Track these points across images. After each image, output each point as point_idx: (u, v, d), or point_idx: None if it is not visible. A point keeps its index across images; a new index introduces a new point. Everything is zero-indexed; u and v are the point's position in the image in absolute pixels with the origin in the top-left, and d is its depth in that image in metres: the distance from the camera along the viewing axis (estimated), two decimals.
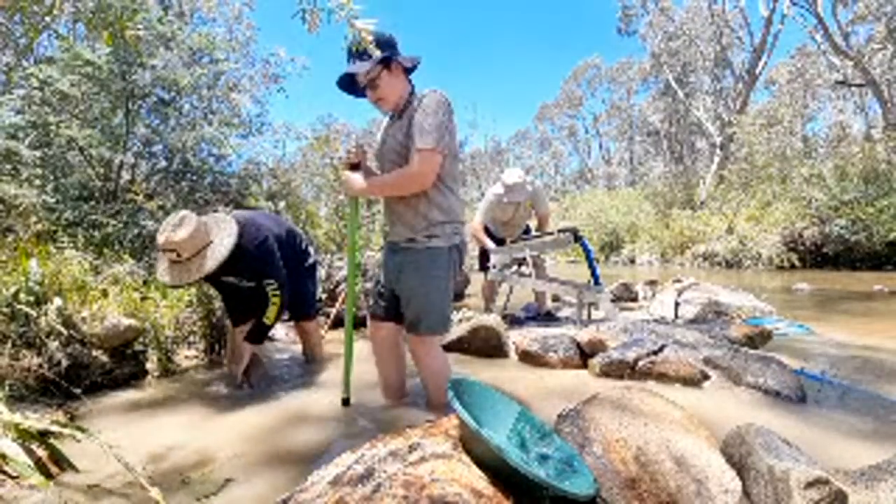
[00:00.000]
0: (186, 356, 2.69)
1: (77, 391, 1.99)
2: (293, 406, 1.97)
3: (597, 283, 3.38)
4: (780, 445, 1.14)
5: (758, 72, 19.36)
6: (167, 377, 2.42)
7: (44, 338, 2.04)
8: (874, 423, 1.69)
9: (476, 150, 44.54)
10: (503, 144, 46.49)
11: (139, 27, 3.22)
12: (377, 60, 1.61)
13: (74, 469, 1.39)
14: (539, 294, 3.95)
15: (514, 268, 4.08)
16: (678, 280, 4.66)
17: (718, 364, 2.20)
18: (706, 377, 2.14)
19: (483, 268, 4.12)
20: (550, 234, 3.60)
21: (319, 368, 2.56)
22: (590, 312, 3.62)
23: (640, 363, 2.22)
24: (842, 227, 9.81)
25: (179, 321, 2.74)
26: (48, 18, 2.80)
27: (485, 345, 2.75)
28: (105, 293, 2.59)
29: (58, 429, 1.40)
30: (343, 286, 3.95)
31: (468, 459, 1.04)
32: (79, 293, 2.40)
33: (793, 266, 10.29)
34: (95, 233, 3.84)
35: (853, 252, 9.79)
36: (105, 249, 3.52)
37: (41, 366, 1.95)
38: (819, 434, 1.59)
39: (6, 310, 2.02)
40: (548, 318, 3.88)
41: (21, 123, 3.82)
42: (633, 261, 15.34)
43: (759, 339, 2.82)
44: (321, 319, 3.33)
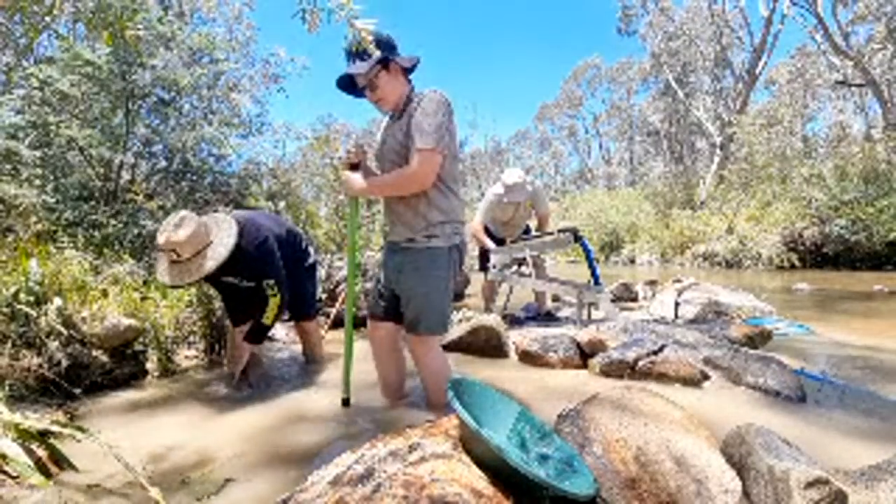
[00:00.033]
0: (186, 356, 2.69)
1: (77, 391, 1.99)
2: (293, 406, 1.97)
3: (597, 283, 3.38)
4: (780, 445, 1.14)
5: (758, 72, 19.37)
6: (167, 377, 2.42)
7: (44, 338, 2.04)
8: (874, 423, 1.69)
9: (476, 150, 44.54)
10: (503, 144, 46.53)
11: (139, 27, 3.22)
12: (375, 61, 1.61)
13: (74, 469, 1.39)
14: (539, 294, 3.96)
15: (514, 268, 4.08)
16: (678, 280, 4.66)
17: (718, 364, 2.20)
18: (706, 377, 2.14)
19: (483, 268, 4.12)
20: (550, 234, 3.61)
21: (319, 368, 2.56)
22: (590, 312, 3.62)
23: (640, 363, 2.22)
24: (842, 227, 9.81)
25: (179, 321, 2.74)
26: (48, 18, 2.80)
27: (485, 345, 2.75)
28: (105, 293, 2.59)
29: (58, 429, 1.40)
30: (343, 286, 3.94)
31: (468, 459, 1.04)
32: (79, 293, 2.40)
33: (793, 266, 10.29)
34: (95, 233, 3.84)
35: (853, 252, 9.80)
36: (105, 249, 3.52)
37: (41, 366, 1.95)
38: (819, 434, 1.59)
39: (6, 310, 2.02)
40: (548, 318, 3.88)
41: (21, 123, 3.82)
42: (633, 261, 15.34)
43: (759, 339, 2.82)
44: (321, 319, 3.33)
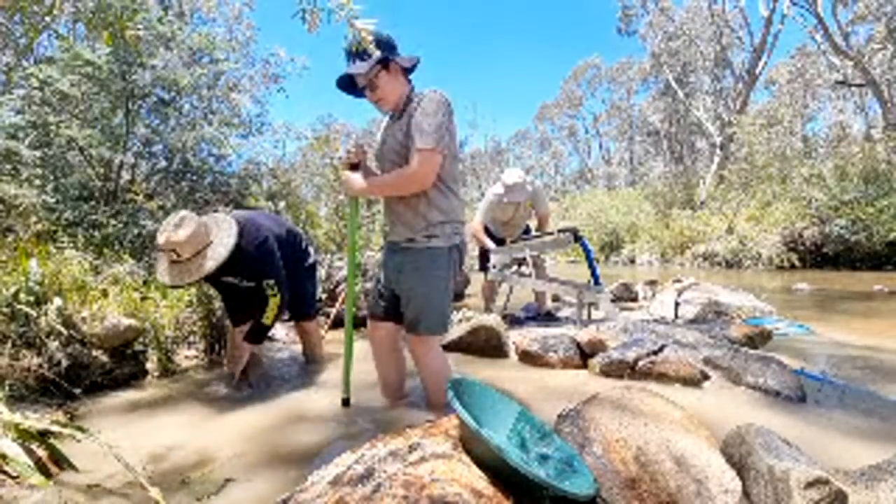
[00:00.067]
0: (186, 356, 2.69)
1: (77, 391, 1.99)
2: (293, 406, 1.97)
3: (597, 283, 3.38)
4: (780, 445, 1.14)
5: (758, 72, 19.37)
6: (167, 377, 2.42)
7: (44, 338, 2.04)
8: (874, 423, 1.69)
9: (476, 150, 44.53)
10: (503, 144, 46.53)
11: (139, 27, 3.22)
12: (375, 61, 1.61)
13: (74, 469, 1.39)
14: (539, 294, 3.96)
15: (514, 268, 4.08)
16: (678, 280, 4.66)
17: (718, 364, 2.20)
18: (706, 377, 2.14)
19: (483, 268, 4.12)
20: (550, 234, 3.61)
21: (319, 368, 2.56)
22: (590, 312, 3.62)
23: (640, 363, 2.22)
24: (842, 227, 9.81)
25: (179, 321, 2.74)
26: (48, 18, 2.80)
27: (485, 345, 2.75)
28: (105, 293, 2.59)
29: (58, 429, 1.41)
30: (343, 286, 3.94)
31: (468, 459, 1.04)
32: (79, 293, 2.40)
33: (793, 266, 10.29)
34: (95, 233, 3.84)
35: (853, 252, 9.79)
36: (105, 249, 3.52)
37: (41, 366, 1.95)
38: (819, 434, 1.59)
39: (6, 310, 2.02)
40: (548, 318, 3.88)
41: (21, 123, 3.82)
42: (633, 261, 15.34)
43: (759, 339, 2.82)
44: (321, 319, 3.33)
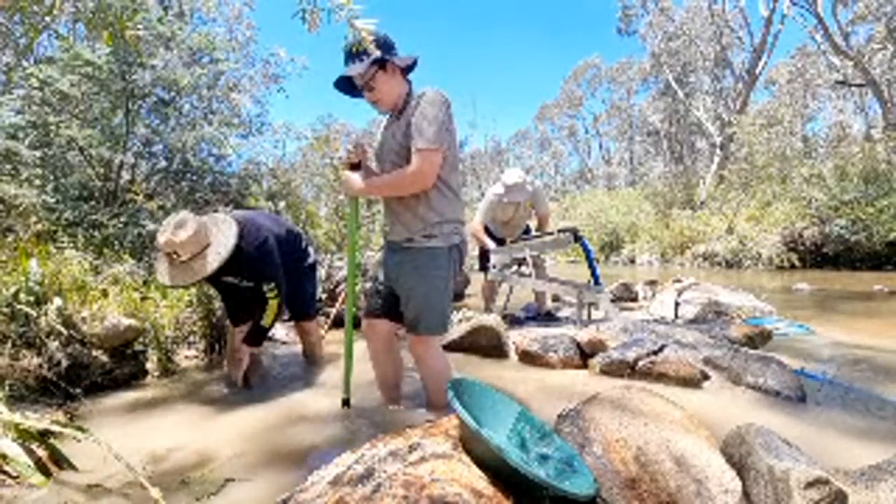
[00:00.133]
0: (186, 356, 2.69)
1: (77, 391, 1.99)
2: (293, 406, 1.97)
3: (597, 283, 3.38)
4: (780, 445, 1.14)
5: (758, 72, 19.37)
6: (167, 377, 2.42)
7: (44, 338, 2.04)
8: (874, 423, 1.69)
9: (476, 150, 44.50)
10: (503, 144, 46.50)
11: (139, 27, 3.22)
12: (371, 62, 1.61)
13: (74, 469, 1.39)
14: (539, 294, 3.95)
15: (514, 268, 4.08)
16: (678, 280, 4.66)
17: (718, 364, 2.20)
18: (706, 377, 2.14)
19: (483, 268, 4.12)
20: (550, 234, 3.61)
21: (319, 368, 2.56)
22: (590, 312, 3.62)
23: (640, 363, 2.22)
24: (842, 227, 9.80)
25: (179, 321, 2.74)
26: (48, 18, 2.80)
27: (485, 345, 2.75)
28: (105, 293, 2.59)
29: (58, 429, 1.41)
30: (343, 286, 3.94)
31: (468, 459, 1.04)
32: (79, 293, 2.40)
33: (793, 266, 10.29)
34: (95, 233, 3.84)
35: (853, 252, 9.79)
36: (105, 249, 3.52)
37: (41, 366, 1.94)
38: (819, 434, 1.59)
39: (6, 310, 2.02)
40: (548, 318, 3.88)
41: (21, 123, 3.82)
42: (633, 261, 15.33)
43: (759, 339, 2.82)
44: (321, 319, 3.33)
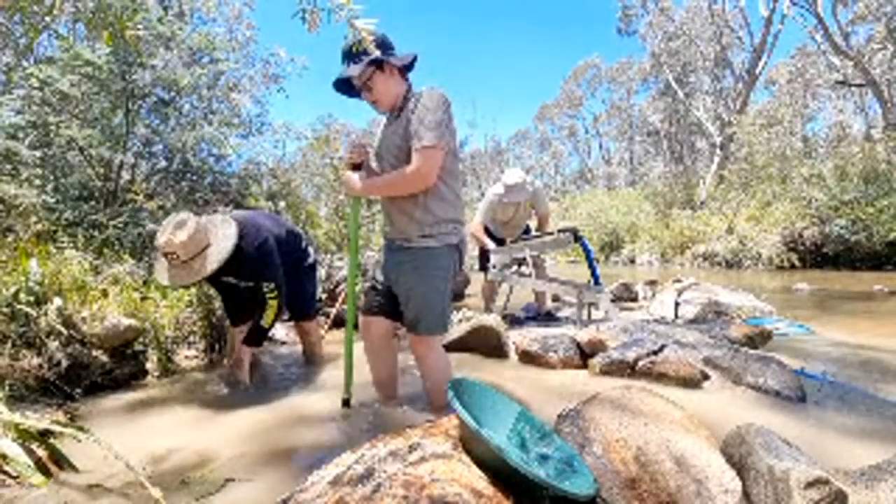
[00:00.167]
0: (186, 356, 2.69)
1: (77, 391, 1.99)
2: (293, 406, 1.97)
3: (597, 283, 3.38)
4: (780, 445, 1.14)
5: (758, 72, 19.37)
6: (167, 377, 2.42)
7: (44, 338, 2.04)
8: (874, 424, 1.69)
9: (476, 150, 44.51)
10: (503, 144, 46.48)
11: (139, 27, 3.22)
12: (368, 62, 1.60)
13: (74, 469, 1.39)
14: (539, 294, 3.95)
15: (514, 268, 4.08)
16: (678, 280, 4.66)
17: (718, 364, 2.20)
18: (706, 377, 2.14)
19: (483, 268, 4.12)
20: (550, 234, 3.61)
21: (319, 368, 2.56)
22: (590, 312, 3.62)
23: (640, 363, 2.22)
24: (842, 227, 9.80)
25: (179, 321, 2.74)
26: (48, 18, 2.80)
27: (485, 345, 2.75)
28: (105, 293, 2.59)
29: (58, 429, 1.41)
30: (343, 286, 3.95)
31: (468, 459, 1.04)
32: (79, 293, 2.40)
33: (793, 266, 10.29)
34: (95, 233, 3.84)
35: (853, 252, 9.79)
36: (105, 249, 3.52)
37: (41, 366, 1.94)
38: (819, 434, 1.59)
39: (6, 310, 2.02)
40: (548, 318, 3.88)
41: (21, 123, 3.81)
42: (633, 261, 15.33)
43: (759, 339, 2.82)
44: (321, 319, 3.33)
